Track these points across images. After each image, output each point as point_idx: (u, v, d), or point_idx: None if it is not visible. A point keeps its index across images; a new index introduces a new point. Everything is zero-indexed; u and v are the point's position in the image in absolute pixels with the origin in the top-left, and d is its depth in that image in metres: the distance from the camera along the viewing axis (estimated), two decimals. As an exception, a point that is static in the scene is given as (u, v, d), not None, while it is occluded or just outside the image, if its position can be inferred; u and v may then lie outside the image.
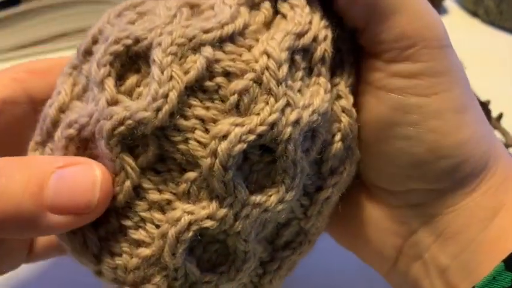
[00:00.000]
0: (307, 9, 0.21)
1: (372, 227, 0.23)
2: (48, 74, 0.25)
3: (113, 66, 0.19)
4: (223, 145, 0.18)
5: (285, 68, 0.19)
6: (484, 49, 0.57)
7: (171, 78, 0.18)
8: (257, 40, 0.19)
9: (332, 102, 0.21)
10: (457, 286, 0.21)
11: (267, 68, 0.18)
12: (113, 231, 0.20)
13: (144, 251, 0.19)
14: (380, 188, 0.23)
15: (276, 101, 0.19)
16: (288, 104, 0.19)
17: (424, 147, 0.20)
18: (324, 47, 0.21)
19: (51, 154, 0.21)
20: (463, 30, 0.60)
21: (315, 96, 0.20)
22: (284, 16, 0.21)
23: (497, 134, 0.44)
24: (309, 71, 0.21)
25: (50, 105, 0.21)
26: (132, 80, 0.19)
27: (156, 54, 0.18)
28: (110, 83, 0.19)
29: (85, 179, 0.18)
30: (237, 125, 0.18)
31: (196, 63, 0.18)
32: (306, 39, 0.20)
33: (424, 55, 0.20)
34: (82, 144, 0.20)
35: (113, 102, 0.19)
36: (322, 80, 0.21)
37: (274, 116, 0.18)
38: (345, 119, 0.21)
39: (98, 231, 0.20)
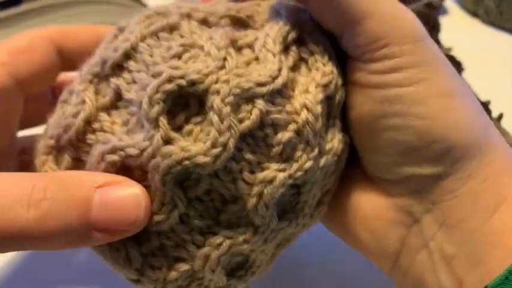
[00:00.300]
0: (326, 56, 0.23)
1: (376, 218, 0.24)
2: (30, 53, 0.25)
3: (165, 103, 0.19)
4: (269, 189, 0.20)
5: (320, 121, 0.21)
6: (484, 49, 0.57)
7: (229, 127, 0.19)
8: (293, 89, 0.21)
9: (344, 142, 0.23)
10: (462, 277, 0.21)
11: (308, 122, 0.21)
12: (153, 249, 0.21)
13: (183, 266, 0.21)
14: (380, 178, 0.24)
15: (312, 150, 0.21)
16: (319, 152, 0.22)
17: (413, 133, 0.21)
18: (341, 94, 0.23)
19: (73, 164, 0.22)
20: (463, 31, 0.61)
21: (334, 138, 0.23)
22: (305, 61, 0.23)
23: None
24: (328, 114, 0.23)
25: (74, 114, 0.21)
26: (181, 116, 0.20)
27: (216, 102, 0.19)
28: (164, 120, 0.19)
29: (128, 197, 0.19)
30: (280, 170, 0.21)
31: (251, 113, 0.20)
32: (331, 89, 0.22)
33: (398, 51, 0.21)
34: (121, 169, 0.20)
35: (166, 140, 0.19)
36: (337, 122, 0.23)
37: (309, 164, 0.21)
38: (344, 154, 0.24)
39: (141, 248, 0.21)
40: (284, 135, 0.20)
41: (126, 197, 0.19)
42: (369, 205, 0.24)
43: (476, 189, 0.21)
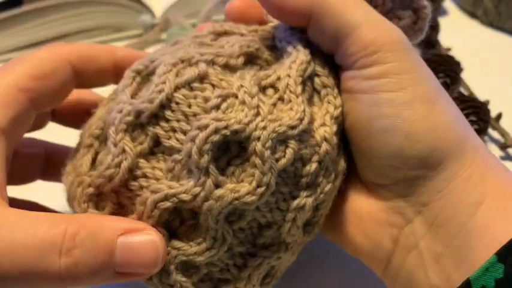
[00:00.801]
0: (336, 89, 0.25)
1: (371, 220, 0.25)
2: (52, 78, 0.25)
3: (212, 152, 0.22)
4: (301, 214, 0.24)
5: (336, 150, 0.24)
6: (483, 50, 0.57)
7: (270, 168, 0.22)
8: (312, 123, 0.24)
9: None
10: (450, 273, 0.22)
11: (327, 152, 0.24)
12: (202, 277, 0.24)
13: (228, 286, 0.24)
14: (374, 184, 0.25)
15: (330, 174, 0.24)
16: (335, 175, 0.25)
17: (400, 135, 0.23)
18: (343, 121, 0.25)
19: (115, 209, 0.24)
20: (462, 31, 0.61)
21: (341, 159, 0.25)
22: (317, 91, 0.25)
23: (496, 135, 0.45)
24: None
25: (117, 164, 0.23)
26: (223, 159, 0.22)
27: (258, 148, 0.22)
28: (214, 168, 0.22)
29: (147, 244, 0.21)
30: (308, 196, 0.24)
31: (285, 153, 0.23)
32: (340, 119, 0.25)
33: (388, 57, 0.23)
34: (172, 211, 0.22)
35: (215, 184, 0.22)
36: (341, 144, 0.26)
37: (329, 187, 0.24)
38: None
39: (191, 278, 0.23)
40: (311, 167, 0.23)
41: (145, 244, 0.21)
42: (364, 209, 0.25)
43: (462, 188, 0.22)
